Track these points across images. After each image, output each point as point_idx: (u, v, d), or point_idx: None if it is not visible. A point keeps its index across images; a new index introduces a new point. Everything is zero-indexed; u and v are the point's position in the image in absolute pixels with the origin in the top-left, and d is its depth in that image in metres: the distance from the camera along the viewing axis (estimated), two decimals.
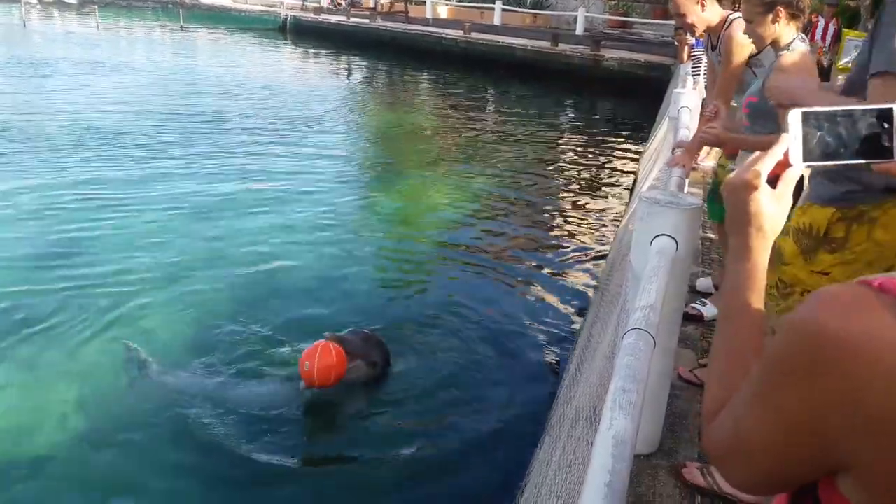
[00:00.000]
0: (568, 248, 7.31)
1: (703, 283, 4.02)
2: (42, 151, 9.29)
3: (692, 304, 3.66)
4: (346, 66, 23.95)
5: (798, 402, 0.67)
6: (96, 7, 31.61)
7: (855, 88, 1.94)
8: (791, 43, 2.82)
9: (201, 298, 5.42)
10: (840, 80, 6.37)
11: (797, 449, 0.68)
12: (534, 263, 6.83)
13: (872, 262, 2.06)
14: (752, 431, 0.73)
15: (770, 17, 2.80)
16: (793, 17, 2.80)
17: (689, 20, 3.60)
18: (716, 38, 3.71)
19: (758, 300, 0.93)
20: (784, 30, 2.81)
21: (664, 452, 2.50)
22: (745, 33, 3.09)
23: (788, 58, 2.79)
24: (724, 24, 3.62)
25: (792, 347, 0.68)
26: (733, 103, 3.64)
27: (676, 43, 11.66)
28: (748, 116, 3.00)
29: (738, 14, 3.54)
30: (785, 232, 2.08)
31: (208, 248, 6.42)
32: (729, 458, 0.78)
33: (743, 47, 3.52)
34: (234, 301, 5.43)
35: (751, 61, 3.55)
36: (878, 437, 0.62)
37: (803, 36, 2.90)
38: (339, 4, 33.58)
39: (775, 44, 2.86)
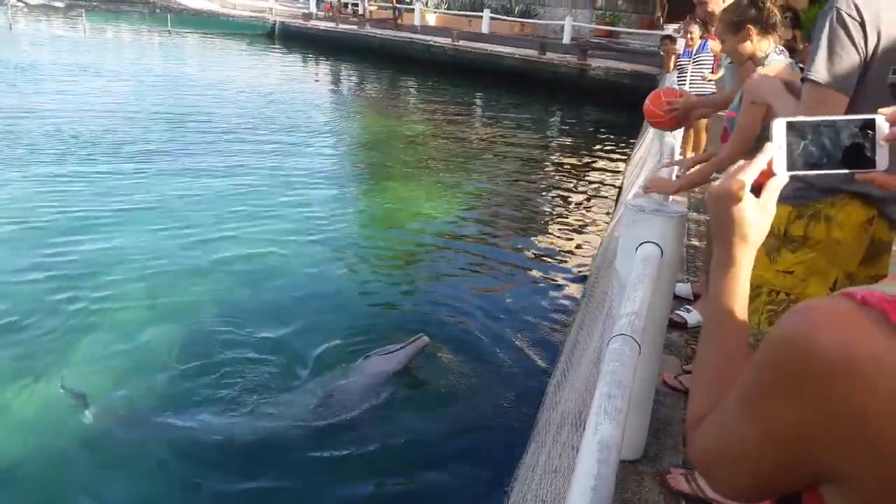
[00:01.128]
0: (554, 254, 7.33)
1: (683, 288, 4.05)
2: (28, 156, 9.22)
3: (676, 311, 3.69)
4: (335, 72, 23.94)
5: (784, 414, 0.67)
6: (83, 11, 31.35)
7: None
8: (767, 57, 2.91)
9: (192, 307, 5.39)
10: None
11: (782, 460, 0.69)
12: (520, 269, 6.85)
13: (833, 260, 2.13)
14: (737, 441, 0.73)
15: (740, 35, 2.90)
16: (764, 32, 2.90)
17: (710, 8, 3.68)
18: None
19: (742, 308, 0.94)
20: (758, 45, 2.92)
21: (649, 458, 2.52)
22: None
23: (762, 72, 2.88)
24: None
25: (778, 361, 0.68)
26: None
27: (662, 53, 11.75)
28: (729, 131, 3.08)
29: None
30: None
31: (198, 255, 6.39)
32: (713, 466, 0.78)
33: None
34: (227, 309, 5.41)
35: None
36: (863, 451, 0.62)
37: (781, 48, 2.99)
38: (340, 12, 33.17)
39: (753, 59, 2.95)
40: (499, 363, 4.87)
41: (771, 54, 2.91)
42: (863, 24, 1.87)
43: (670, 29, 19.64)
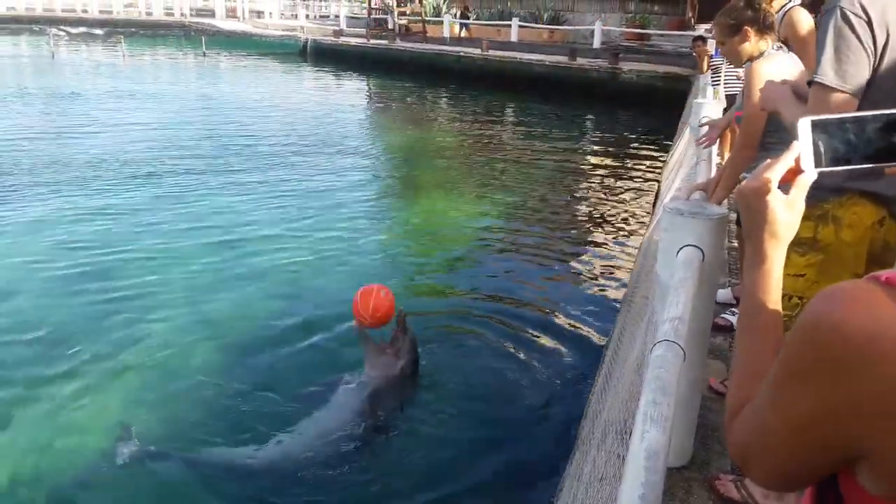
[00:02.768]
0: (592, 259, 7.28)
1: (723, 294, 3.97)
2: (73, 182, 9.47)
3: (722, 315, 3.63)
4: (368, 87, 24.19)
5: (815, 396, 0.69)
6: (122, 37, 32.21)
7: None
8: (763, 53, 2.95)
9: (228, 320, 5.49)
10: None
11: (815, 441, 0.71)
12: (558, 275, 6.82)
13: (843, 261, 2.07)
14: (772, 426, 0.75)
15: (739, 37, 2.92)
16: (762, 32, 2.93)
17: None
18: None
19: (774, 303, 0.96)
20: (757, 46, 2.98)
21: (697, 465, 2.48)
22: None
23: (755, 65, 2.92)
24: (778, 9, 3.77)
25: (808, 343, 0.70)
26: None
27: (695, 54, 11.64)
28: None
29: (796, 3, 3.74)
30: None
31: (235, 270, 6.50)
32: (750, 455, 0.80)
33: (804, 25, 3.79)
34: (262, 318, 5.50)
35: None
36: (891, 427, 0.64)
37: (780, 45, 3.03)
38: (384, 28, 32.79)
39: (752, 60, 2.98)
40: (539, 370, 4.85)
41: (768, 50, 2.94)
42: (870, 23, 1.81)
43: (701, 29, 19.43)
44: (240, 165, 10.84)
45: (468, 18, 30.55)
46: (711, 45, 9.47)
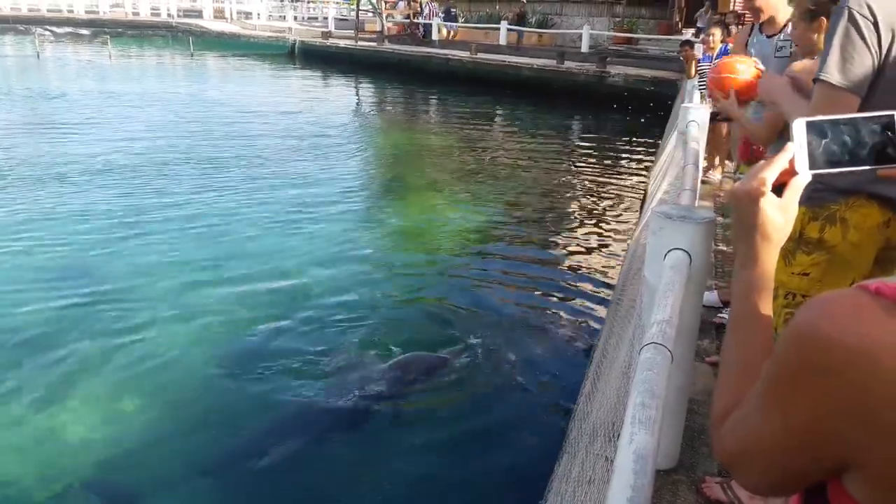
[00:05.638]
0: (579, 263, 7.30)
1: (710, 297, 4.00)
2: (57, 180, 9.40)
3: (719, 314, 3.68)
4: (356, 89, 24.13)
5: (803, 405, 0.69)
6: (108, 37, 31.90)
7: None
8: None
9: (215, 319, 5.49)
10: None
11: (804, 451, 0.71)
12: (545, 279, 6.83)
13: (849, 261, 2.09)
14: (761, 435, 0.75)
15: (813, 26, 2.84)
16: None
17: (757, 3, 3.62)
18: (772, 28, 3.72)
19: (766, 306, 0.95)
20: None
21: (684, 467, 2.49)
22: (791, 37, 3.11)
23: (798, 63, 2.84)
24: None
25: (795, 352, 0.70)
26: None
27: (682, 58, 11.71)
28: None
29: None
30: None
31: (225, 272, 6.47)
32: (739, 460, 0.80)
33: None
34: (255, 321, 5.49)
35: None
36: (881, 438, 0.63)
37: None
38: (410, 30, 32.02)
39: (814, 54, 2.90)
40: (527, 372, 4.85)
41: None
42: (876, 24, 1.83)
43: (689, 33, 19.55)
44: (227, 166, 10.78)
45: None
46: (699, 50, 9.54)
